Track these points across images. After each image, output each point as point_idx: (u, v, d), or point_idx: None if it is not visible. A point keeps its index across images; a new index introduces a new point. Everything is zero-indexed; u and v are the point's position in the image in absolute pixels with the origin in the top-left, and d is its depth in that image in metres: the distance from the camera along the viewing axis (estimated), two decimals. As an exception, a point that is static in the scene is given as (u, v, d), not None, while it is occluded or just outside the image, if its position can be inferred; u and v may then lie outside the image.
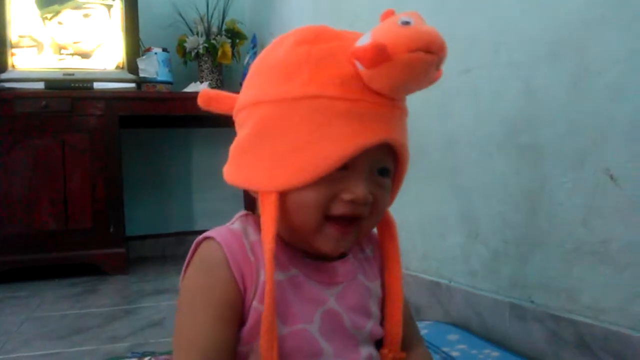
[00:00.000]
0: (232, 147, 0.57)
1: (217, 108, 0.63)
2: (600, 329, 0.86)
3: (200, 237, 0.56)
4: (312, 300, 0.55)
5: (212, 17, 2.67)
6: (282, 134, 0.51)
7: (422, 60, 0.47)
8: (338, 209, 0.52)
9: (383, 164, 0.54)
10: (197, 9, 2.66)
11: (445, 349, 1.06)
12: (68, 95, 2.23)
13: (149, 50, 2.52)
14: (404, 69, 0.47)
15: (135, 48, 2.44)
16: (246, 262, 0.53)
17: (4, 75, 2.20)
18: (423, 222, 1.36)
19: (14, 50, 2.25)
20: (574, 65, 0.90)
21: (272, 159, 0.51)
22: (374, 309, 0.61)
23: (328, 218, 0.52)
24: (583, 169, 0.89)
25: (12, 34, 2.25)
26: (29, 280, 2.15)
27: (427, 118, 1.33)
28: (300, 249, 0.57)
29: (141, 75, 2.43)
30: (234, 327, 0.53)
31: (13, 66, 2.24)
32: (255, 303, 0.52)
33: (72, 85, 2.29)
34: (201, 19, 2.64)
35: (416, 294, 1.36)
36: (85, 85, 2.31)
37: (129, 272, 2.27)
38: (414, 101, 1.34)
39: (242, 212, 0.60)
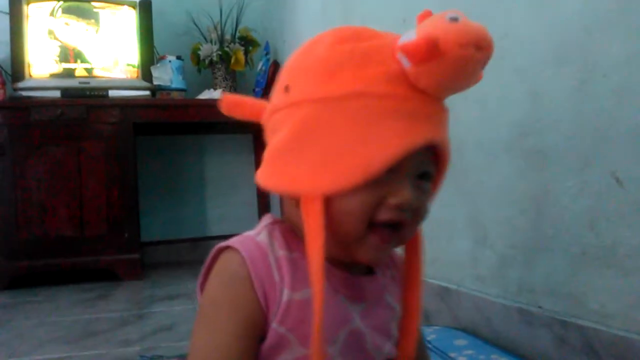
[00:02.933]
0: (268, 151, 0.53)
1: (240, 114, 0.59)
2: (607, 334, 0.85)
3: (223, 244, 0.53)
4: (337, 319, 0.52)
5: (225, 25, 2.70)
6: (326, 135, 0.48)
7: (473, 56, 0.45)
8: (383, 215, 0.49)
9: (425, 168, 0.51)
10: (210, 17, 2.69)
11: (452, 354, 1.05)
12: (84, 103, 2.27)
13: (163, 58, 2.55)
14: (454, 65, 0.45)
15: (150, 56, 2.47)
16: (270, 282, 0.50)
17: (21, 84, 2.24)
18: (431, 226, 1.34)
19: (30, 60, 2.29)
20: (578, 69, 0.90)
21: (316, 162, 0.48)
22: (394, 330, 0.58)
23: (371, 226, 0.49)
24: (589, 173, 0.88)
25: (29, 43, 2.29)
26: (45, 286, 2.18)
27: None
28: (330, 259, 0.52)
29: (155, 83, 2.46)
30: (254, 345, 0.51)
31: (30, 75, 2.28)
32: (275, 324, 0.50)
33: (88, 93, 2.33)
34: (215, 27, 2.67)
35: (425, 299, 1.34)
36: (100, 93, 2.34)
37: (143, 277, 2.29)
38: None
39: (269, 218, 0.57)
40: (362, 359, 0.54)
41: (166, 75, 2.51)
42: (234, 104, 0.60)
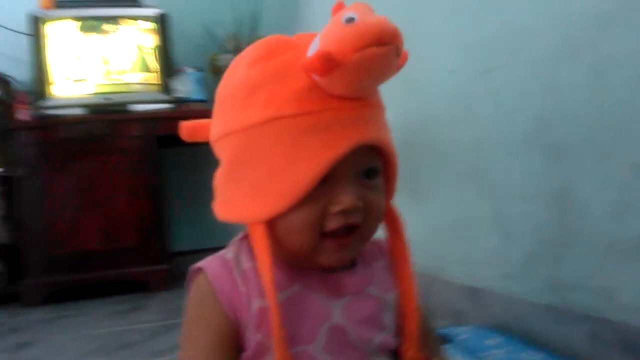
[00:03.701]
0: (214, 182, 0.56)
1: (203, 137, 0.61)
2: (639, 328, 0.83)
3: (195, 267, 0.57)
4: (315, 317, 0.54)
5: (241, 34, 2.71)
6: (255, 162, 0.50)
7: (375, 55, 0.44)
8: (331, 224, 0.50)
9: (368, 165, 0.52)
10: (226, 27, 2.71)
11: (484, 354, 1.04)
12: (107, 119, 2.31)
13: (182, 70, 2.58)
14: (357, 69, 0.45)
15: (169, 69, 2.51)
16: (236, 295, 0.53)
17: (45, 103, 2.29)
18: (456, 226, 1.34)
19: (53, 79, 2.34)
20: (593, 60, 0.89)
21: (250, 190, 0.51)
22: (388, 320, 0.58)
23: (324, 234, 0.50)
24: (610, 164, 0.87)
25: (51, 62, 2.34)
26: (78, 300, 2.21)
27: (452, 121, 1.32)
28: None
29: (176, 95, 2.49)
30: (230, 356, 0.53)
31: (53, 94, 2.33)
32: (250, 333, 0.52)
33: (110, 109, 2.37)
34: (232, 36, 2.69)
35: (454, 299, 1.34)
36: (122, 108, 2.38)
37: (174, 287, 2.32)
38: (438, 104, 1.34)
39: (240, 234, 0.59)
40: (349, 353, 0.55)
41: (186, 87, 2.54)
42: (193, 129, 0.62)
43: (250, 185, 0.51)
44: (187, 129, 0.62)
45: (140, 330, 1.66)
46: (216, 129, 0.55)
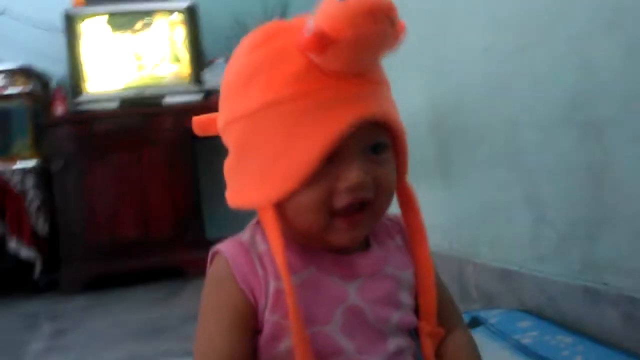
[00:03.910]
0: (224, 171, 0.57)
1: (214, 131, 0.61)
2: (678, 308, 0.81)
3: (214, 249, 0.58)
4: (331, 298, 0.54)
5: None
6: (259, 147, 0.51)
7: (370, 30, 0.45)
8: (340, 202, 0.50)
9: (375, 140, 0.51)
10: (255, 18, 2.72)
11: (516, 336, 1.03)
12: (141, 112, 2.36)
13: (213, 61, 2.60)
14: (352, 45, 0.45)
15: (200, 61, 2.53)
16: (254, 276, 0.53)
17: (80, 98, 2.35)
18: (488, 208, 1.33)
19: (87, 75, 2.39)
20: (629, 34, 0.86)
21: (257, 175, 0.51)
22: (405, 298, 0.58)
23: (335, 213, 0.50)
24: (646, 140, 0.84)
25: (85, 58, 2.39)
26: (116, 287, 2.27)
27: (485, 101, 1.30)
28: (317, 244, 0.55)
29: (207, 86, 2.52)
30: (247, 337, 0.53)
31: (88, 89, 2.38)
32: (267, 314, 0.53)
33: (143, 102, 2.41)
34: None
35: (487, 282, 1.33)
36: (155, 101, 2.42)
37: (209, 274, 2.35)
38: (471, 84, 1.32)
39: (256, 218, 0.58)
40: (367, 333, 0.55)
41: (217, 78, 2.56)
42: (205, 123, 0.62)
43: (256, 170, 0.51)
44: (199, 123, 0.63)
45: (177, 315, 1.69)
46: (222, 118, 0.56)
